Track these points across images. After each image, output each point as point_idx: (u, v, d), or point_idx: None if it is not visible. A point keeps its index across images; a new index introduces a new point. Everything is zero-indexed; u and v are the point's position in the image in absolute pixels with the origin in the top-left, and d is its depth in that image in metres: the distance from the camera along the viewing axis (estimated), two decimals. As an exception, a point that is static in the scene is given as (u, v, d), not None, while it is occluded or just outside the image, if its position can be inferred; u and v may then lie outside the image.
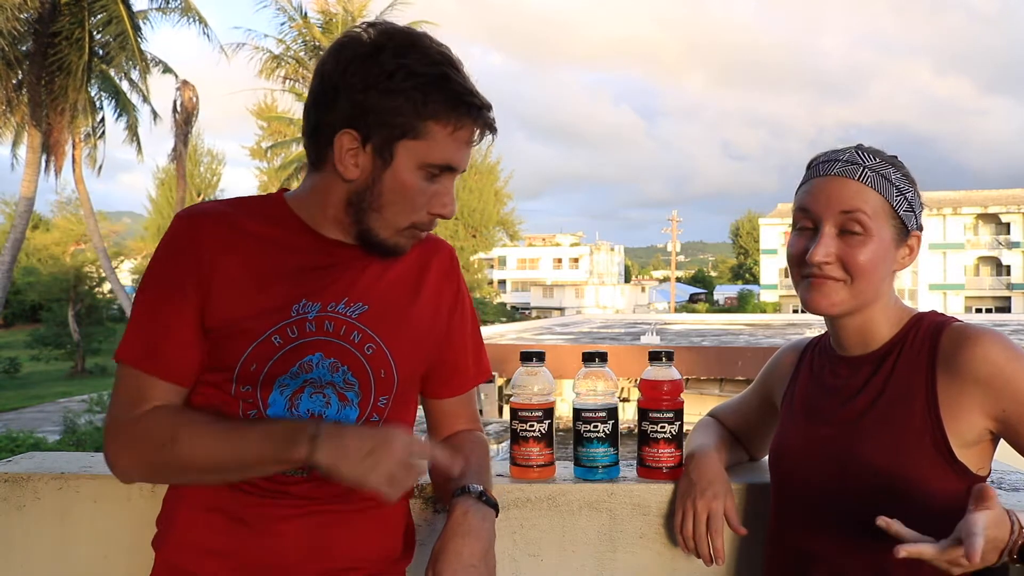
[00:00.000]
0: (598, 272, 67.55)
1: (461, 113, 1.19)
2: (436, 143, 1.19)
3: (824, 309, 1.28)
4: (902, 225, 1.27)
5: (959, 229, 49.10)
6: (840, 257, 1.25)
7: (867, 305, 1.28)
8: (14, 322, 39.68)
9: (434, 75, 1.17)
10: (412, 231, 1.25)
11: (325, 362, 1.24)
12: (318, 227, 1.27)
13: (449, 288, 1.39)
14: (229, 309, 1.22)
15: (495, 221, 44.54)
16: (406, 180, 1.20)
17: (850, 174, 1.26)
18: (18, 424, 16.25)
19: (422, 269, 1.36)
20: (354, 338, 1.25)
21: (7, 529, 1.55)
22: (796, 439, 1.37)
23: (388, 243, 1.25)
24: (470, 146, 1.23)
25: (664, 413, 1.52)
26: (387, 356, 1.28)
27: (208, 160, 44.87)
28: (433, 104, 1.17)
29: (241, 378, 1.22)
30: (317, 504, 1.25)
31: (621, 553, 1.54)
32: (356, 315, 1.26)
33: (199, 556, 1.25)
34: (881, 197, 1.25)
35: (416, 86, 1.16)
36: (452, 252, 1.43)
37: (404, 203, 1.21)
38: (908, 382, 1.25)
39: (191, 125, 21.99)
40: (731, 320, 30.44)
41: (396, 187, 1.21)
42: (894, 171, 1.28)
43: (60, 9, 17.57)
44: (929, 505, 1.21)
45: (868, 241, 1.24)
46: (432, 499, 1.53)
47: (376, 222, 1.23)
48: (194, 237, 1.24)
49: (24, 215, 17.99)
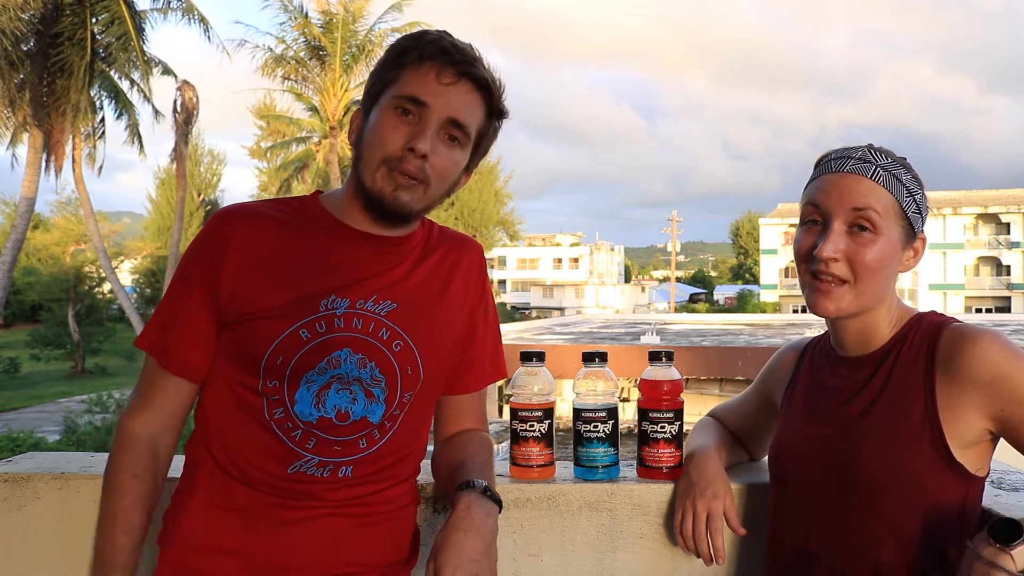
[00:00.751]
0: (598, 272, 67.53)
1: (424, 49, 1.24)
2: (405, 80, 1.25)
3: (831, 313, 1.27)
4: (910, 227, 1.27)
5: (959, 229, 49.08)
6: (848, 255, 1.24)
7: (871, 307, 1.28)
8: (14, 322, 39.67)
9: (412, 36, 1.28)
10: (387, 171, 1.24)
11: (353, 358, 1.25)
12: (346, 218, 1.31)
13: (475, 287, 1.40)
14: (255, 302, 1.24)
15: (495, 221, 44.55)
16: (377, 119, 1.26)
17: (863, 172, 1.25)
18: (18, 424, 16.25)
19: (451, 267, 1.37)
20: (383, 335, 1.27)
21: (7, 529, 1.55)
22: (796, 439, 1.37)
23: (373, 190, 1.25)
24: (443, 84, 1.24)
25: (664, 413, 1.52)
26: (415, 353, 1.29)
27: (208, 160, 44.90)
28: (405, 53, 1.26)
29: (268, 371, 1.23)
30: (332, 508, 1.26)
31: (621, 553, 1.54)
32: (385, 312, 1.28)
33: (208, 555, 1.25)
34: (892, 196, 1.25)
35: (393, 48, 1.28)
36: (480, 252, 1.45)
37: (375, 138, 1.25)
38: (907, 383, 1.24)
39: (191, 125, 22.02)
40: (731, 320, 30.43)
41: (371, 128, 1.26)
42: (904, 172, 1.28)
43: (62, 9, 17.57)
44: (928, 505, 1.21)
45: (877, 240, 1.24)
46: (433, 499, 1.53)
47: (362, 170, 1.27)
48: (221, 235, 1.27)
49: (24, 215, 17.99)
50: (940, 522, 1.21)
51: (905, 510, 1.21)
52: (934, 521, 1.21)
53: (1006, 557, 1.04)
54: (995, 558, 1.04)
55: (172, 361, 1.28)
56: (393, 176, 1.23)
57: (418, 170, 1.23)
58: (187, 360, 1.28)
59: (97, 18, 17.98)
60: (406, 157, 1.22)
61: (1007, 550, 1.04)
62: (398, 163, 1.23)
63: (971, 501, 1.23)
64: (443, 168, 1.25)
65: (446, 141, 1.25)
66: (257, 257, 1.26)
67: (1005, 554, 1.04)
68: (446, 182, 1.28)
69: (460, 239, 1.42)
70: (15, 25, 16.31)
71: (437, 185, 1.26)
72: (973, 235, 49.39)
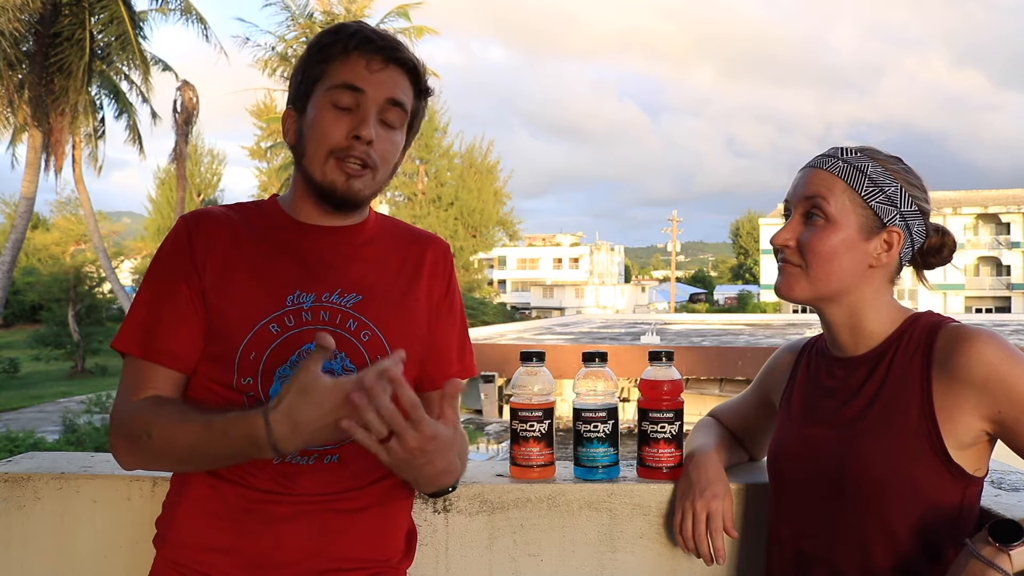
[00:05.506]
0: (598, 272, 67.54)
1: (347, 41, 1.27)
2: (334, 72, 1.27)
3: (784, 294, 1.32)
4: (874, 216, 1.27)
5: (959, 229, 49.01)
6: (799, 242, 1.28)
7: (834, 296, 1.29)
8: (14, 322, 39.65)
9: (330, 31, 1.30)
10: (336, 161, 1.27)
11: None
12: (300, 215, 1.34)
13: (440, 283, 1.41)
14: (225, 301, 1.27)
15: (495, 221, 44.49)
16: (316, 115, 1.28)
17: (821, 164, 1.30)
18: (18, 424, 16.24)
19: (416, 263, 1.39)
20: (350, 326, 1.28)
21: (7, 529, 1.55)
22: (793, 440, 1.37)
23: (324, 184, 1.28)
24: (373, 72, 1.28)
25: (664, 413, 1.52)
26: (383, 343, 1.30)
27: (208, 160, 44.89)
28: (327, 48, 1.28)
29: (241, 368, 1.25)
30: (320, 502, 1.26)
31: (621, 553, 1.54)
32: (351, 304, 1.30)
33: (201, 553, 1.26)
34: (846, 185, 1.27)
35: (314, 44, 1.30)
36: (446, 248, 1.46)
37: (317, 133, 1.27)
38: (904, 384, 1.24)
39: (191, 125, 22.01)
40: (731, 320, 30.43)
41: (310, 124, 1.28)
42: (873, 164, 1.28)
43: (61, 10, 17.57)
44: (926, 506, 1.21)
45: (828, 228, 1.26)
46: (433, 499, 1.53)
47: (308, 165, 1.29)
48: (190, 235, 1.30)
49: (24, 215, 17.99)
50: (938, 523, 1.21)
51: (902, 511, 1.21)
52: (932, 522, 1.21)
53: (1004, 557, 1.04)
54: (994, 558, 1.04)
55: (162, 354, 1.26)
56: (342, 166, 1.27)
57: (365, 156, 1.27)
58: (175, 352, 1.27)
59: (96, 18, 17.97)
60: (352, 146, 1.26)
61: (1006, 550, 1.04)
62: (344, 152, 1.26)
63: (969, 502, 1.23)
64: (386, 152, 1.30)
65: (384, 126, 1.29)
66: (223, 258, 1.29)
67: (1003, 554, 1.04)
68: (389, 165, 1.33)
69: (426, 236, 1.45)
70: (14, 26, 16.30)
71: (383, 169, 1.31)
72: (973, 235, 49.37)
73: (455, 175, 42.04)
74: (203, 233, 1.30)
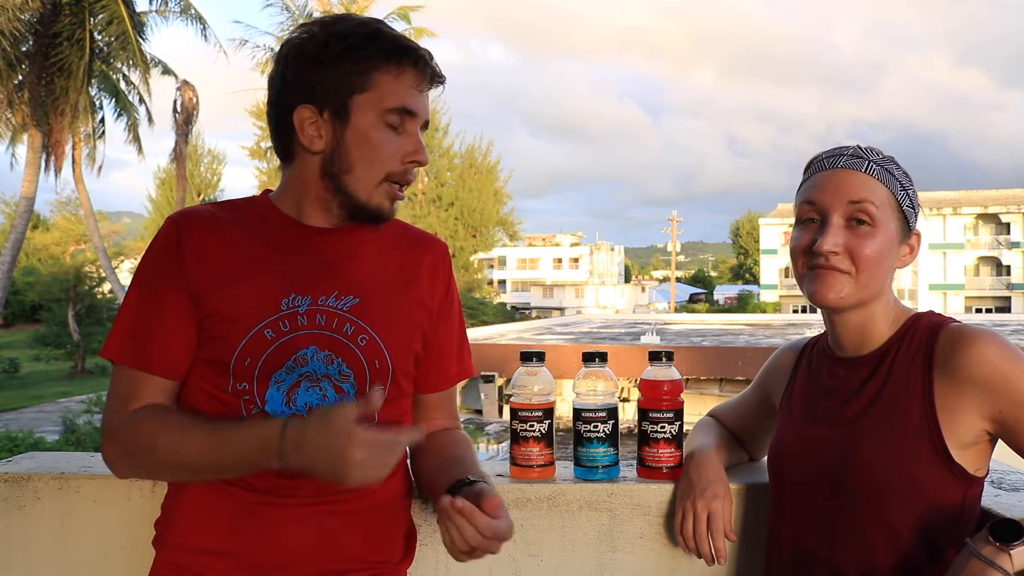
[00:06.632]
0: (598, 272, 67.53)
1: (400, 57, 1.23)
2: (385, 89, 1.23)
3: (831, 302, 1.27)
4: (905, 221, 1.28)
5: (959, 229, 49.05)
6: (848, 248, 1.24)
7: (870, 300, 1.28)
8: (14, 322, 39.65)
9: (365, 32, 1.24)
10: (388, 186, 1.26)
11: (320, 355, 1.25)
12: (301, 216, 1.30)
13: (439, 285, 1.40)
14: (218, 305, 1.24)
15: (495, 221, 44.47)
16: (368, 132, 1.24)
17: (857, 167, 1.26)
18: (18, 424, 16.24)
19: (414, 265, 1.37)
20: (347, 330, 1.27)
21: (7, 529, 1.55)
22: (794, 440, 1.37)
23: (370, 205, 1.26)
24: (421, 92, 1.26)
25: (664, 413, 1.52)
26: (380, 346, 1.29)
27: (208, 160, 44.85)
28: (371, 55, 1.22)
29: (237, 374, 1.23)
30: (320, 503, 1.25)
31: (621, 553, 1.54)
32: (347, 308, 1.28)
33: (200, 555, 1.25)
34: (887, 190, 1.26)
35: (351, 45, 1.22)
36: (445, 250, 1.45)
37: (372, 155, 1.24)
38: (905, 383, 1.24)
39: (191, 125, 21.99)
40: (731, 320, 30.42)
41: (360, 141, 1.24)
42: (896, 167, 1.29)
43: (61, 10, 17.56)
44: (927, 506, 1.21)
45: (876, 233, 1.24)
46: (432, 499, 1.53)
47: (352, 184, 1.25)
48: (180, 237, 1.26)
49: (24, 215, 17.98)
50: (939, 522, 1.21)
51: (904, 511, 1.21)
52: (933, 521, 1.21)
53: (1005, 557, 1.04)
54: (994, 557, 1.04)
55: (153, 362, 1.24)
56: (392, 191, 1.27)
57: (414, 179, 1.28)
58: (167, 360, 1.24)
59: (96, 18, 17.96)
60: (408, 171, 1.26)
61: (1007, 550, 1.04)
62: (401, 176, 1.26)
63: (970, 501, 1.23)
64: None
65: None
66: (214, 259, 1.25)
67: (1004, 554, 1.04)
68: None
69: (425, 237, 1.43)
70: (14, 26, 16.30)
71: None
72: (973, 235, 49.37)
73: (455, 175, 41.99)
74: (193, 236, 1.25)
